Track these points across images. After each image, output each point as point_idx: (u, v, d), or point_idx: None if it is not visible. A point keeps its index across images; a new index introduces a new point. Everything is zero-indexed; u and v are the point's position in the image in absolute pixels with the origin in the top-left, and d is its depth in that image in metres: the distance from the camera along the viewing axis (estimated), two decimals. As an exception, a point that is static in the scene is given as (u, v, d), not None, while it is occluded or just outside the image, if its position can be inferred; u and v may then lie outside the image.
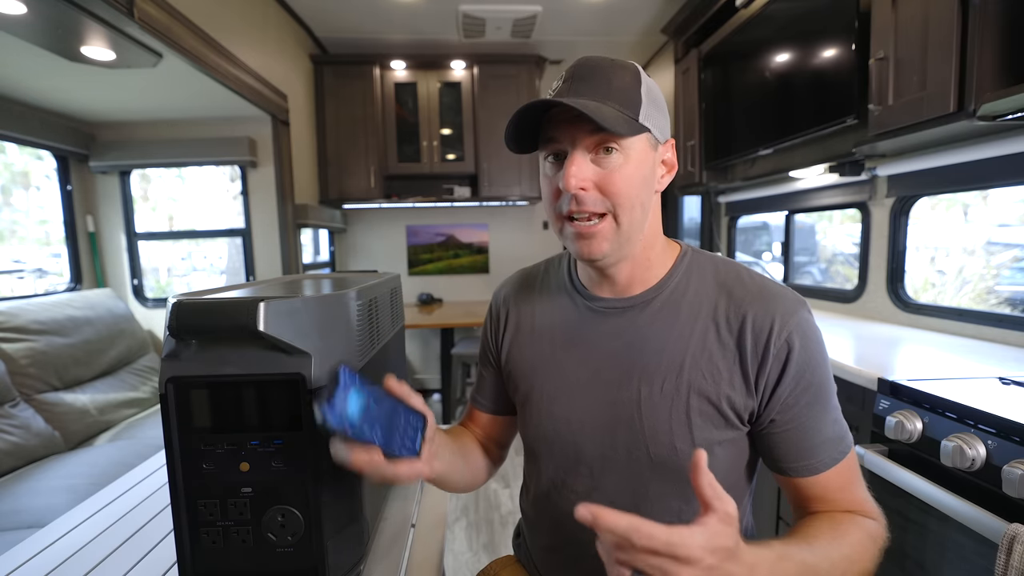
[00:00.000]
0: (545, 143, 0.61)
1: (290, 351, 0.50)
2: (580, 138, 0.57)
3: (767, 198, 2.44)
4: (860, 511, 0.59)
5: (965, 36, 1.15)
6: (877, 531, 0.58)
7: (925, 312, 1.66)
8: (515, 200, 3.37)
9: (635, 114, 0.58)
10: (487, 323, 0.79)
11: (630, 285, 0.65)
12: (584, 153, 0.58)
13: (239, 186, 2.86)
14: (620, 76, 0.59)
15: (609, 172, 0.58)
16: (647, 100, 0.59)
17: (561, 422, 0.66)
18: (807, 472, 0.59)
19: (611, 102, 0.57)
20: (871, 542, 0.56)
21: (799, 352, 0.57)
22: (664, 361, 0.61)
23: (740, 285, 0.62)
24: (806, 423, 0.59)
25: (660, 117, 0.62)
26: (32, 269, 2.56)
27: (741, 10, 2.17)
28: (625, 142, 0.58)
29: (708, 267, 0.65)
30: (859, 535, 0.56)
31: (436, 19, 2.85)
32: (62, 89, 2.15)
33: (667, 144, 0.64)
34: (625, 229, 0.59)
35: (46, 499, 1.49)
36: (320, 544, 0.52)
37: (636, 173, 0.59)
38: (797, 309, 0.59)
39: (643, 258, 0.64)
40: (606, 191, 0.58)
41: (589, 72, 0.59)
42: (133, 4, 1.42)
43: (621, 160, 0.58)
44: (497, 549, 1.92)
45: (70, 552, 0.68)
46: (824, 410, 0.59)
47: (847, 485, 0.60)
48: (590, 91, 0.57)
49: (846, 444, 0.60)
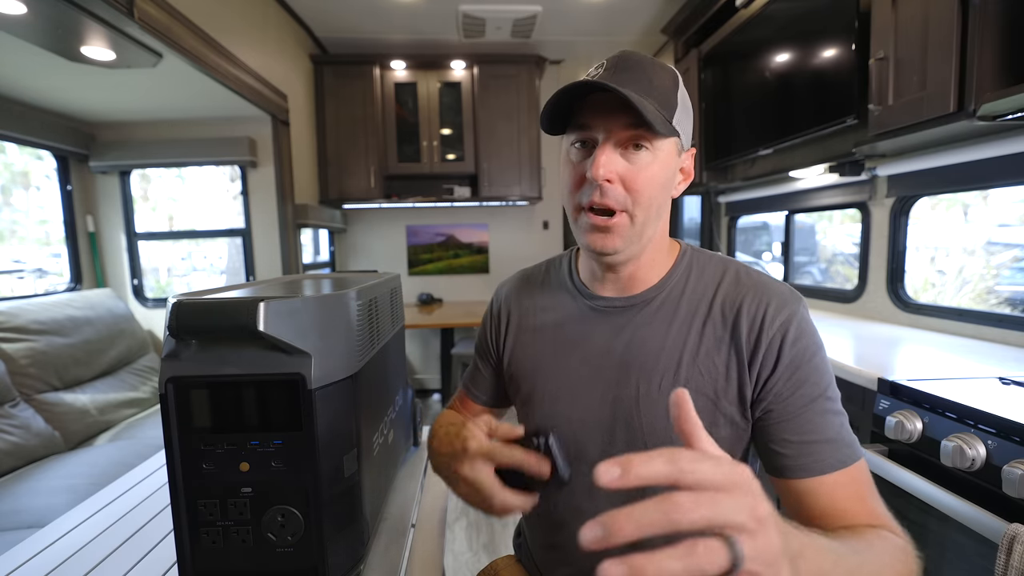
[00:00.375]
0: (576, 128, 0.60)
1: (290, 351, 0.50)
2: (615, 130, 0.57)
3: (767, 198, 2.44)
4: (881, 524, 0.52)
5: (965, 36, 1.15)
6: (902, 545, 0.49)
7: (925, 312, 1.66)
8: (515, 200, 3.37)
9: (670, 116, 0.58)
10: (487, 320, 0.79)
11: (632, 284, 0.66)
12: (615, 145, 0.58)
13: (239, 186, 2.86)
14: (661, 76, 0.58)
15: (636, 169, 0.58)
16: (681, 105, 0.59)
17: (563, 421, 0.66)
18: (806, 472, 0.55)
19: (651, 99, 0.56)
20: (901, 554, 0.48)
21: (793, 341, 0.57)
22: (663, 360, 0.62)
23: (737, 281, 0.62)
24: (804, 417, 0.57)
25: (688, 125, 0.62)
26: (32, 269, 2.56)
27: (741, 10, 2.17)
28: (657, 142, 0.58)
29: (707, 265, 0.66)
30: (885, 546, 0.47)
31: (436, 19, 2.85)
32: (62, 89, 2.15)
33: (689, 152, 0.64)
34: (638, 228, 0.59)
35: (46, 499, 1.49)
36: (320, 544, 0.52)
37: (660, 174, 0.59)
38: (791, 302, 0.59)
39: (648, 259, 0.65)
40: (630, 187, 0.58)
41: (632, 65, 0.58)
42: (133, 4, 1.42)
43: (649, 159, 0.58)
44: (497, 549, 1.92)
45: (70, 552, 0.68)
46: (825, 409, 0.57)
47: (860, 495, 0.54)
48: (632, 84, 0.55)
49: (853, 451, 0.56)
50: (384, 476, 0.75)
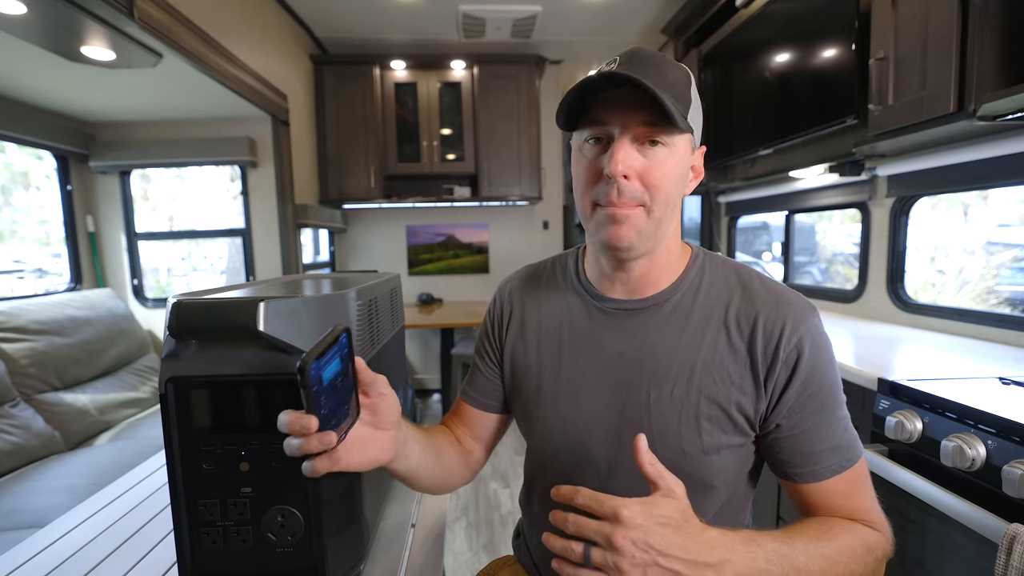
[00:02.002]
0: (589, 124, 0.59)
1: (290, 351, 0.50)
2: (631, 125, 0.56)
3: (767, 198, 2.44)
4: (862, 521, 0.58)
5: (965, 36, 1.15)
6: (875, 541, 0.56)
7: (925, 312, 1.66)
8: (515, 200, 3.37)
9: (686, 111, 0.57)
10: (489, 316, 0.77)
11: (643, 286, 0.64)
12: (631, 141, 0.57)
13: (239, 186, 2.87)
14: (674, 72, 0.57)
15: (653, 164, 0.57)
16: (695, 102, 0.59)
17: (568, 423, 0.66)
18: (811, 478, 0.59)
19: (667, 94, 0.54)
20: (864, 550, 0.55)
21: (808, 358, 0.57)
22: (675, 366, 0.61)
23: (752, 290, 0.62)
24: (811, 429, 0.58)
25: (700, 122, 0.62)
26: (32, 269, 2.56)
27: (741, 10, 2.17)
28: (672, 138, 0.57)
29: (720, 271, 0.65)
30: (849, 539, 0.55)
31: (436, 19, 2.85)
32: (62, 89, 2.15)
33: (700, 151, 0.64)
34: (654, 223, 0.59)
35: (46, 499, 1.49)
36: (320, 544, 0.52)
37: (675, 170, 0.58)
38: (808, 315, 0.59)
39: (660, 259, 0.63)
40: (647, 182, 0.57)
41: (646, 59, 0.56)
42: (133, 4, 1.42)
43: (666, 154, 0.57)
44: (497, 549, 1.92)
45: (70, 552, 0.68)
46: (832, 417, 0.59)
47: (851, 494, 0.59)
48: (648, 78, 0.53)
49: (854, 453, 0.59)
50: (384, 476, 0.75)
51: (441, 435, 0.73)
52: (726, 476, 0.61)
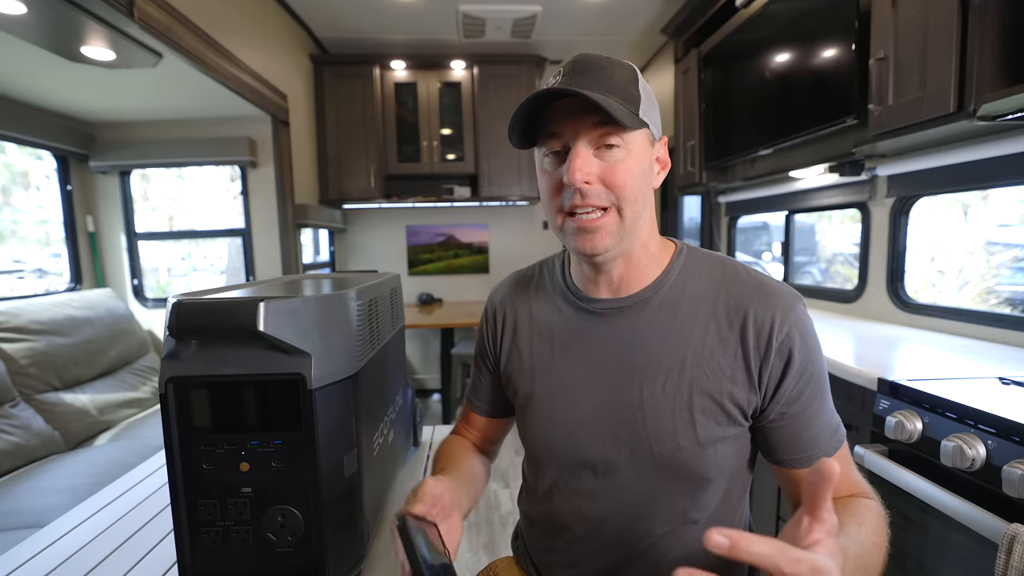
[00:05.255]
0: (545, 138, 0.61)
1: (290, 351, 0.50)
2: (583, 131, 0.57)
3: (767, 198, 2.44)
4: (859, 492, 0.60)
5: (965, 36, 1.15)
6: (880, 508, 0.58)
7: (925, 312, 1.66)
8: (515, 200, 3.37)
9: (635, 109, 0.58)
10: (483, 326, 0.79)
11: (626, 284, 0.65)
12: (587, 147, 0.58)
13: (239, 186, 2.86)
14: (619, 72, 0.59)
15: (612, 166, 0.58)
16: (644, 96, 0.60)
17: (562, 424, 0.66)
18: (806, 464, 0.60)
19: (614, 96, 0.56)
20: (881, 520, 0.56)
21: (800, 347, 0.58)
22: (665, 361, 0.61)
23: (738, 281, 0.62)
24: (807, 414, 0.60)
25: (655, 114, 0.62)
26: (32, 269, 2.56)
27: (741, 10, 2.17)
28: (627, 136, 0.58)
29: (704, 264, 0.65)
30: (871, 516, 0.55)
31: (436, 19, 2.85)
32: (62, 89, 2.15)
33: (661, 141, 0.64)
34: (628, 223, 0.60)
35: (46, 499, 1.49)
36: (320, 544, 0.52)
37: (637, 167, 0.59)
38: (795, 304, 0.60)
39: (639, 256, 0.64)
40: (610, 184, 0.58)
41: (589, 67, 0.58)
42: (133, 4, 1.42)
43: (623, 154, 0.58)
44: (497, 549, 1.92)
45: (70, 552, 0.68)
46: (824, 400, 0.61)
47: (845, 470, 0.61)
48: (592, 84, 0.56)
49: (842, 432, 0.62)
50: (384, 476, 0.75)
51: (466, 453, 0.76)
52: (723, 469, 0.62)
